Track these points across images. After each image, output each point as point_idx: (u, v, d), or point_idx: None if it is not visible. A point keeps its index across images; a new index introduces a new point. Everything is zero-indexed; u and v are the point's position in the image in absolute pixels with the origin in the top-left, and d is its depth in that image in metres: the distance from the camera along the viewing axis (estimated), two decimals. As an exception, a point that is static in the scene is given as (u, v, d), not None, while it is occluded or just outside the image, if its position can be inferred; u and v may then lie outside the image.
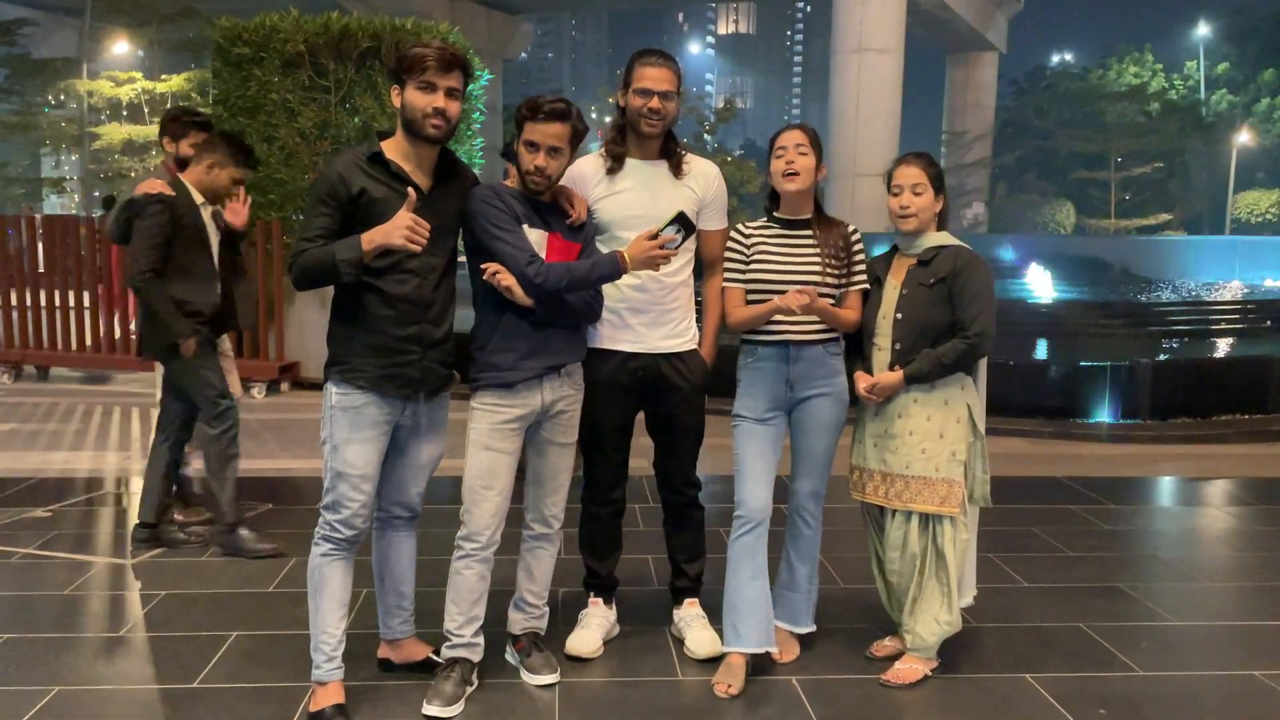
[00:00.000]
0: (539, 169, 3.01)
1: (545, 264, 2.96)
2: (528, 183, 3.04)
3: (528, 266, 2.94)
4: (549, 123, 2.99)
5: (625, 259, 3.00)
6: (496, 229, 2.98)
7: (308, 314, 8.66)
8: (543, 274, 2.94)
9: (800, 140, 3.25)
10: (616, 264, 3.01)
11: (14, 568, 4.26)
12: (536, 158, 3.00)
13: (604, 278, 3.04)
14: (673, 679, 3.32)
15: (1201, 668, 3.46)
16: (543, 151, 3.00)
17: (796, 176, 3.23)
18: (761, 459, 3.27)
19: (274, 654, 3.42)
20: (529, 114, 3.00)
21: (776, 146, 3.28)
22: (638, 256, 2.99)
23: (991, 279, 3.23)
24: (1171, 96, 38.97)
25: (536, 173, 3.02)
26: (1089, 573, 4.38)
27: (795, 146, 3.24)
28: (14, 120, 27.48)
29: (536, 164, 3.01)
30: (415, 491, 3.16)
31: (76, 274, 9.12)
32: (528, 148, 3.01)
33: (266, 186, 8.78)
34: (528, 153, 3.01)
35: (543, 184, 3.05)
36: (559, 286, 2.97)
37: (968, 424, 3.25)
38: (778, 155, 3.26)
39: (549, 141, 3.00)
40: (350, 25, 8.59)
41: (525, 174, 3.03)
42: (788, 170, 3.23)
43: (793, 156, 3.23)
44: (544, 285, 2.95)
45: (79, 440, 6.87)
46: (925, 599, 3.29)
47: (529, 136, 3.00)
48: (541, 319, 3.05)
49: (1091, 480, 5.99)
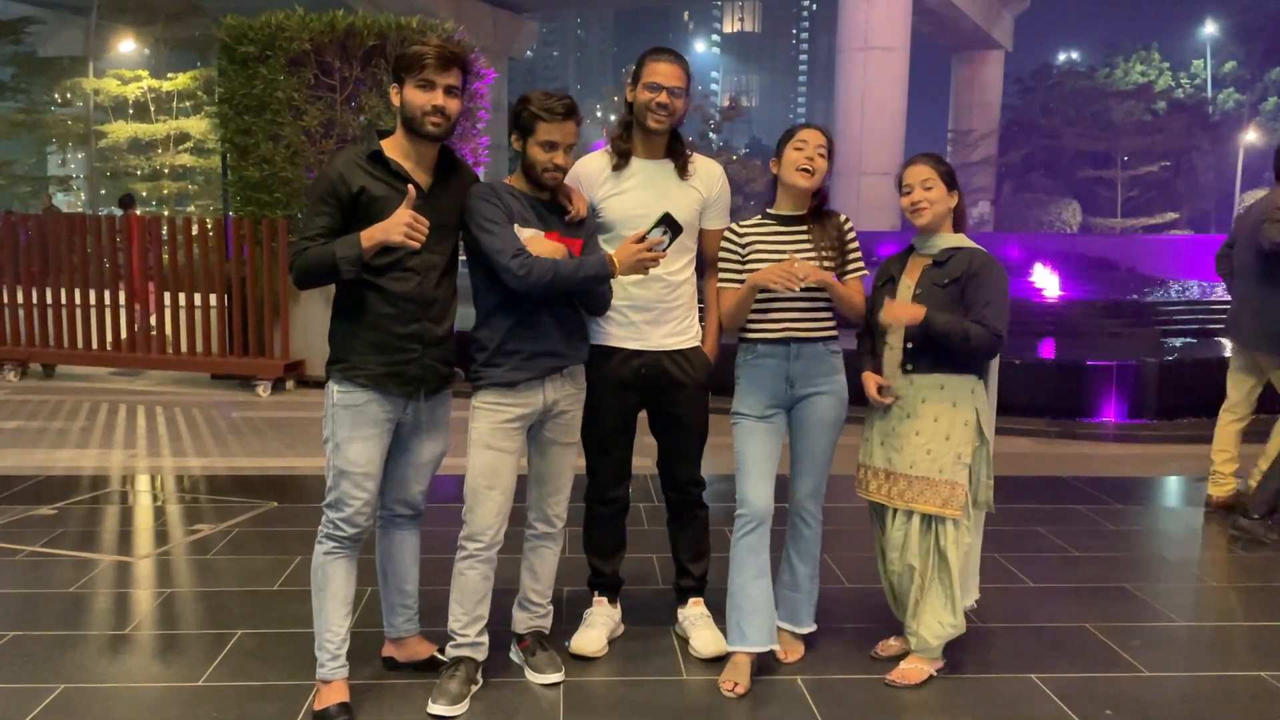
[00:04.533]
0: (559, 166, 3.04)
1: (531, 257, 2.95)
2: (545, 180, 3.05)
3: (512, 260, 2.94)
4: (566, 121, 3.02)
5: (614, 262, 2.99)
6: (486, 222, 2.99)
7: (313, 312, 8.66)
8: (527, 266, 2.93)
9: (823, 143, 3.26)
10: (604, 266, 3.00)
11: (20, 565, 4.27)
12: (556, 156, 3.02)
13: (590, 279, 3.03)
14: (677, 678, 3.31)
15: (1208, 669, 3.45)
16: (562, 150, 3.02)
17: (811, 175, 3.23)
18: (763, 457, 3.26)
19: (278, 652, 3.42)
20: (543, 114, 3.00)
21: (798, 138, 3.27)
22: (626, 261, 2.98)
23: (1007, 282, 3.21)
24: (1178, 95, 38.92)
25: (555, 169, 3.04)
26: (1095, 573, 4.37)
27: (818, 147, 3.24)
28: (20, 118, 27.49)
29: (556, 162, 3.03)
30: (418, 489, 3.16)
31: (83, 271, 9.14)
32: (547, 148, 3.02)
33: (272, 185, 8.79)
34: (546, 152, 3.02)
35: (560, 180, 3.08)
36: (543, 281, 2.95)
37: (975, 428, 3.23)
38: (798, 147, 3.25)
39: (568, 140, 3.03)
40: (356, 23, 8.60)
41: (544, 171, 3.03)
42: (804, 166, 3.23)
43: (813, 154, 3.24)
44: (527, 277, 2.94)
45: (84, 438, 6.88)
46: (928, 600, 3.28)
47: (548, 137, 3.01)
48: (539, 313, 3.05)
49: (1097, 480, 5.98)
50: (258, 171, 8.80)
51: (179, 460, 6.33)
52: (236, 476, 5.90)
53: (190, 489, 5.63)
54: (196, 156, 24.04)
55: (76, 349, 9.23)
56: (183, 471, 6.05)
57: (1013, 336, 3.32)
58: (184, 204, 26.11)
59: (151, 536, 4.71)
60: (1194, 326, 11.81)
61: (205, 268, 8.99)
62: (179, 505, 5.27)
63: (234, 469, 6.11)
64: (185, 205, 26.01)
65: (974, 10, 35.52)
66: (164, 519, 5.00)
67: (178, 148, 24.06)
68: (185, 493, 5.55)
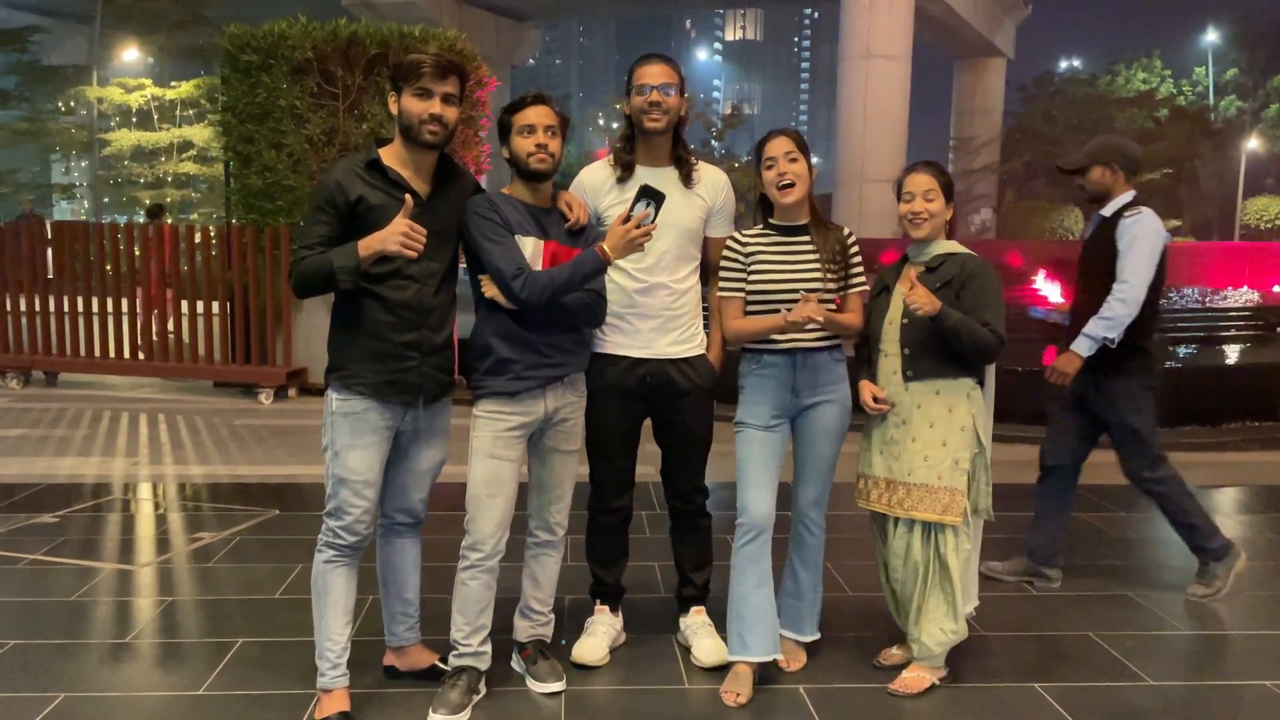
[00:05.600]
0: (541, 146, 3.03)
1: (530, 275, 2.95)
2: (532, 165, 3.04)
3: (513, 280, 2.94)
4: (535, 105, 3.05)
5: (606, 251, 2.97)
6: (485, 239, 2.99)
7: (315, 320, 8.67)
8: (526, 287, 2.94)
9: (788, 148, 3.21)
10: (598, 259, 2.98)
11: (21, 573, 4.26)
12: (536, 136, 3.03)
13: (588, 276, 3.01)
14: (679, 687, 3.30)
15: (1212, 677, 3.43)
16: (540, 130, 3.03)
17: (792, 188, 3.21)
18: (765, 467, 3.26)
19: (279, 661, 3.42)
20: (513, 108, 3.06)
21: (765, 157, 3.24)
22: (618, 245, 2.96)
23: (1000, 283, 3.22)
24: (1180, 102, 38.93)
25: (539, 150, 3.03)
26: (1098, 581, 4.35)
27: (785, 155, 3.20)
28: (24, 127, 27.59)
29: (538, 142, 3.03)
30: (418, 497, 3.15)
31: (85, 279, 9.15)
32: (524, 132, 3.03)
33: (274, 193, 8.82)
34: (525, 137, 3.03)
35: (548, 161, 3.05)
36: (543, 297, 2.96)
37: (972, 433, 3.23)
38: (768, 165, 3.23)
39: (545, 120, 3.03)
40: (358, 32, 8.63)
41: (528, 155, 3.03)
42: (782, 182, 3.21)
43: (784, 167, 3.20)
44: (528, 299, 2.95)
45: (87, 446, 6.89)
46: (930, 608, 3.27)
47: (522, 122, 3.03)
48: (539, 321, 3.05)
49: (1101, 488, 5.95)
50: (260, 179, 8.82)
51: (181, 468, 6.33)
52: (238, 484, 5.89)
53: (192, 497, 5.63)
54: (199, 164, 24.10)
55: (80, 356, 9.25)
56: (185, 479, 6.06)
57: (1015, 343, 3.32)
58: (187, 212, 26.18)
59: (153, 544, 4.71)
60: (1197, 334, 11.78)
61: (208, 275, 9.01)
62: (181, 513, 5.27)
63: (236, 477, 6.11)
64: (188, 213, 26.07)
65: (976, 18, 35.55)
66: (166, 527, 5.00)
67: (181, 156, 24.13)
68: (187, 501, 5.55)
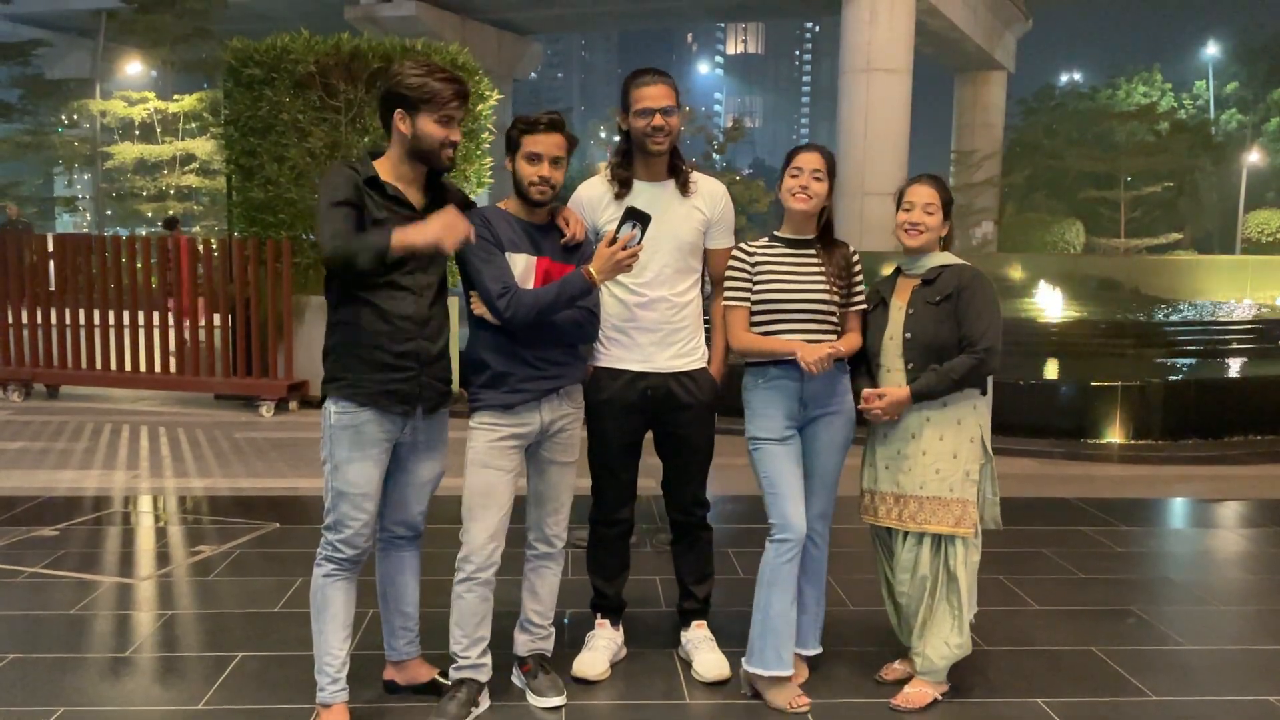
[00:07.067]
0: (544, 179, 3.03)
1: (515, 295, 2.95)
2: (532, 195, 3.05)
3: (498, 299, 2.95)
4: (549, 133, 3.02)
5: (592, 273, 2.98)
6: (474, 257, 3.00)
7: (316, 332, 8.57)
8: (511, 306, 2.94)
9: (818, 166, 3.24)
10: (584, 281, 2.98)
11: (21, 587, 4.25)
12: (540, 168, 3.02)
13: (574, 298, 3.01)
14: (680, 702, 3.29)
15: (1215, 693, 3.42)
16: (546, 162, 3.02)
17: (808, 199, 3.23)
18: (794, 478, 3.25)
19: (279, 675, 3.41)
20: (526, 128, 3.03)
21: (793, 165, 3.26)
22: (604, 267, 2.97)
23: (996, 295, 3.23)
24: (1181, 116, 38.97)
25: (542, 183, 3.03)
26: (1100, 595, 4.34)
27: (812, 171, 3.23)
28: (27, 140, 27.72)
29: (541, 174, 3.02)
30: (417, 510, 3.15)
31: (88, 292, 9.17)
32: (530, 160, 3.03)
33: (277, 206, 8.83)
34: (530, 165, 3.03)
35: (548, 194, 3.06)
36: (528, 318, 2.96)
37: (980, 444, 3.23)
38: (793, 174, 3.25)
39: (552, 152, 3.02)
40: (361, 46, 8.67)
41: (530, 185, 3.04)
42: (798, 191, 3.23)
43: (807, 181, 3.23)
44: (513, 318, 2.95)
45: (87, 459, 6.88)
46: (935, 622, 3.26)
47: (531, 149, 3.02)
48: (530, 337, 3.05)
49: (1103, 501, 5.94)
50: (262, 192, 8.84)
51: (181, 481, 6.33)
52: (239, 497, 5.89)
53: (192, 510, 5.63)
54: (202, 177, 24.19)
55: (80, 369, 9.25)
56: (185, 492, 6.05)
57: (1018, 357, 3.32)
58: (189, 224, 26.25)
59: (153, 558, 4.70)
60: (1199, 347, 11.77)
61: (210, 288, 9.02)
62: (181, 526, 5.26)
63: (236, 490, 6.11)
64: (190, 226, 26.14)
65: (976, 32, 35.64)
66: (166, 540, 4.99)
67: (183, 169, 24.20)
68: (187, 514, 5.54)
